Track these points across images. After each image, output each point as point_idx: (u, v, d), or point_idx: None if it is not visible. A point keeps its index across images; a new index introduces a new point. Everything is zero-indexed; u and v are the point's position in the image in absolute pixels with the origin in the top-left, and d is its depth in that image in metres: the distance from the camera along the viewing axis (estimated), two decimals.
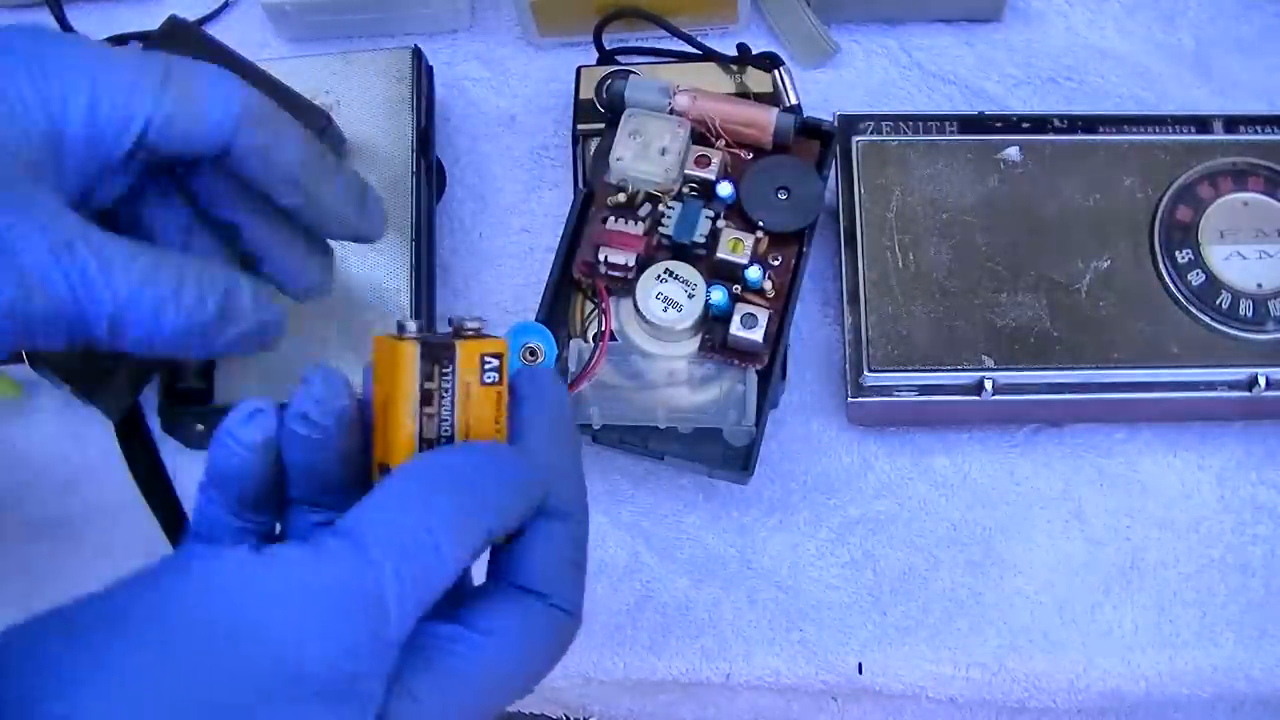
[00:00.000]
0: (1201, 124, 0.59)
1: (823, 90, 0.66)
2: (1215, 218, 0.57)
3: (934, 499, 0.59)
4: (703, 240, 0.51)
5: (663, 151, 0.51)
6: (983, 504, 0.59)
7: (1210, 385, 0.56)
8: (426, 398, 0.35)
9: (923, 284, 0.57)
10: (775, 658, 0.57)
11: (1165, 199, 0.58)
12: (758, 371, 0.51)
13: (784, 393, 0.60)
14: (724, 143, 0.52)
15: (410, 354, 0.35)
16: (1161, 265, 0.57)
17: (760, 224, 0.51)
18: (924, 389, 0.56)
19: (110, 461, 0.61)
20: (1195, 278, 0.57)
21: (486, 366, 0.36)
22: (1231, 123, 0.59)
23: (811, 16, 0.65)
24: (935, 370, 0.56)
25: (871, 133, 0.60)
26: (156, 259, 0.39)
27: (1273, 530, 0.58)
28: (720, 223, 0.51)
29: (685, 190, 0.52)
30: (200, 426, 0.59)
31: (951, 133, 0.60)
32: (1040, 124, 0.60)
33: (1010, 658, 0.56)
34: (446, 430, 0.35)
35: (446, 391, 0.35)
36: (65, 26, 0.66)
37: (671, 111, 0.52)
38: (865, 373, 0.56)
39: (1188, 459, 0.59)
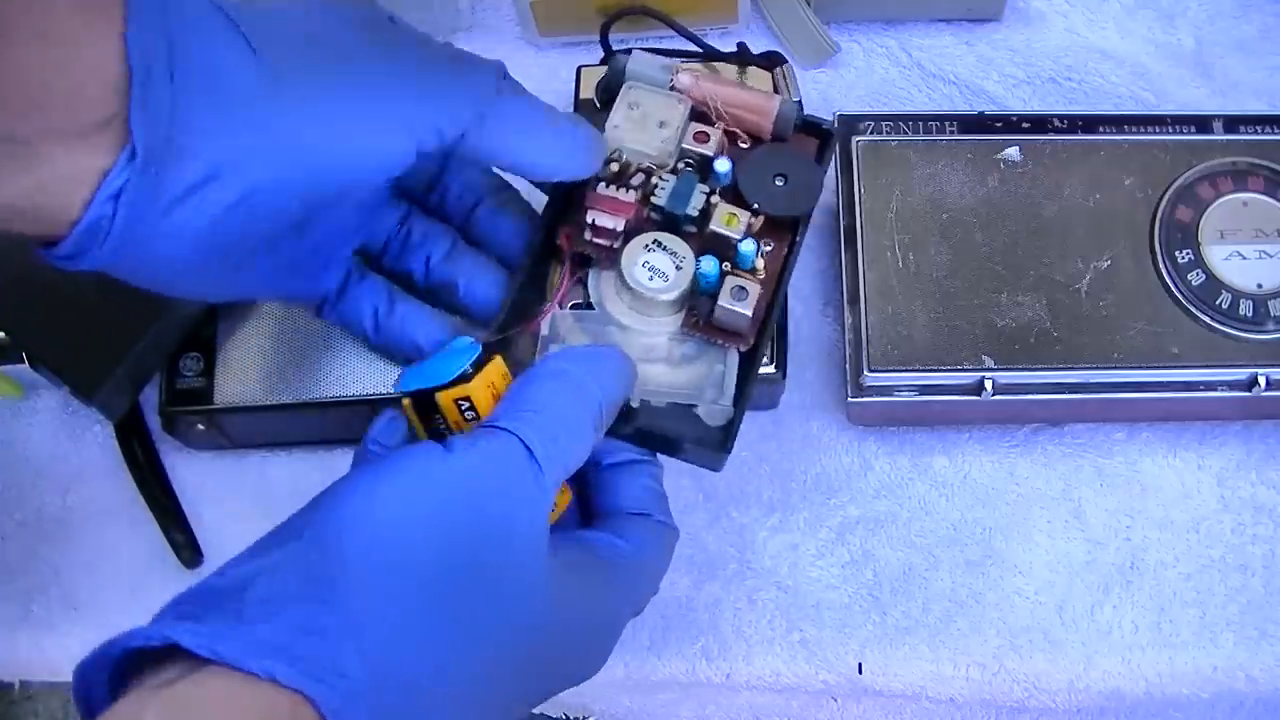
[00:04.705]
0: (1201, 124, 0.59)
1: (823, 90, 0.66)
2: (1215, 218, 0.57)
3: (934, 499, 0.59)
4: (695, 214, 0.49)
5: (661, 124, 0.50)
6: (983, 504, 0.59)
7: (1210, 385, 0.56)
8: (439, 438, 0.42)
9: (923, 284, 0.57)
10: (775, 658, 0.57)
11: (1165, 199, 0.58)
12: (741, 353, 0.49)
13: (784, 393, 0.60)
14: (723, 126, 0.51)
15: (409, 409, 0.44)
16: (1161, 265, 0.57)
17: (756, 206, 0.50)
18: (924, 389, 0.56)
19: (110, 461, 0.61)
20: (1195, 278, 0.57)
21: (463, 409, 0.43)
22: (1231, 123, 0.59)
23: (811, 16, 0.65)
24: (935, 370, 0.56)
25: (871, 133, 0.60)
26: None
27: (1273, 530, 0.58)
28: (714, 199, 0.50)
29: (681, 166, 0.51)
30: (200, 426, 0.59)
31: (951, 133, 0.60)
32: (1040, 124, 0.60)
33: (1010, 658, 0.56)
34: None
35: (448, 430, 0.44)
36: None
37: (672, 89, 0.51)
38: (865, 373, 0.56)
39: (1188, 459, 0.59)
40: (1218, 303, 0.56)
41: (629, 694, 0.60)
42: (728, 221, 0.49)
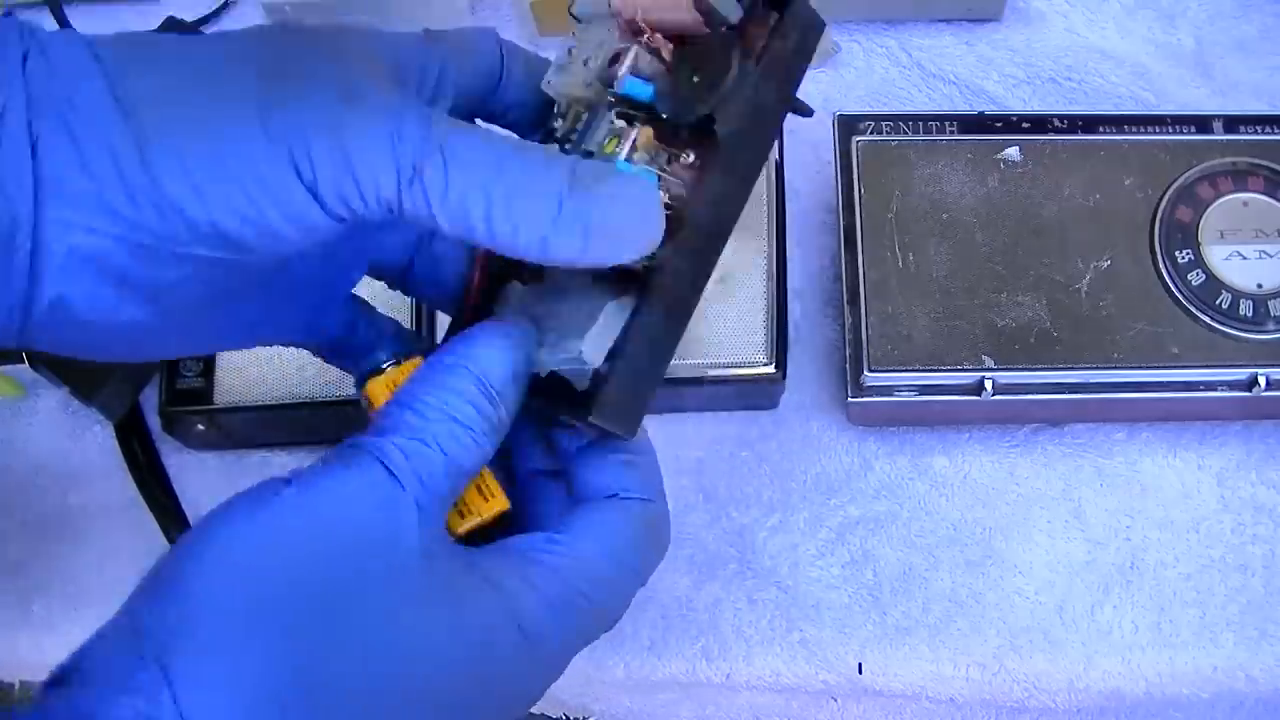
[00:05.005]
0: (1201, 124, 0.59)
1: (823, 90, 0.66)
2: (1215, 218, 0.57)
3: (934, 499, 0.59)
4: (596, 150, 0.41)
5: (585, 62, 0.42)
6: (983, 504, 0.59)
7: (1210, 385, 0.56)
8: None
9: (923, 284, 0.57)
10: (775, 658, 0.57)
11: (1165, 199, 0.58)
12: (640, 294, 0.39)
13: (784, 393, 0.60)
14: (648, 37, 0.41)
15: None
16: (1161, 265, 0.57)
17: (664, 116, 0.40)
18: (924, 389, 0.56)
19: (110, 461, 0.61)
20: (1195, 278, 0.57)
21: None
22: (1231, 123, 0.59)
23: None
24: (935, 370, 0.56)
25: (871, 133, 0.60)
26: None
27: (1273, 530, 0.58)
28: (618, 122, 0.40)
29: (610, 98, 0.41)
30: (200, 426, 0.59)
31: (951, 133, 0.60)
32: (1040, 124, 0.60)
33: (1010, 658, 0.56)
34: None
35: None
36: (65, 27, 0.66)
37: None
38: (865, 373, 0.56)
39: (1188, 459, 0.59)
40: (1218, 303, 0.56)
41: (629, 694, 0.60)
42: (609, 146, 0.40)
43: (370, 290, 0.45)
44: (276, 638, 0.33)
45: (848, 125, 0.59)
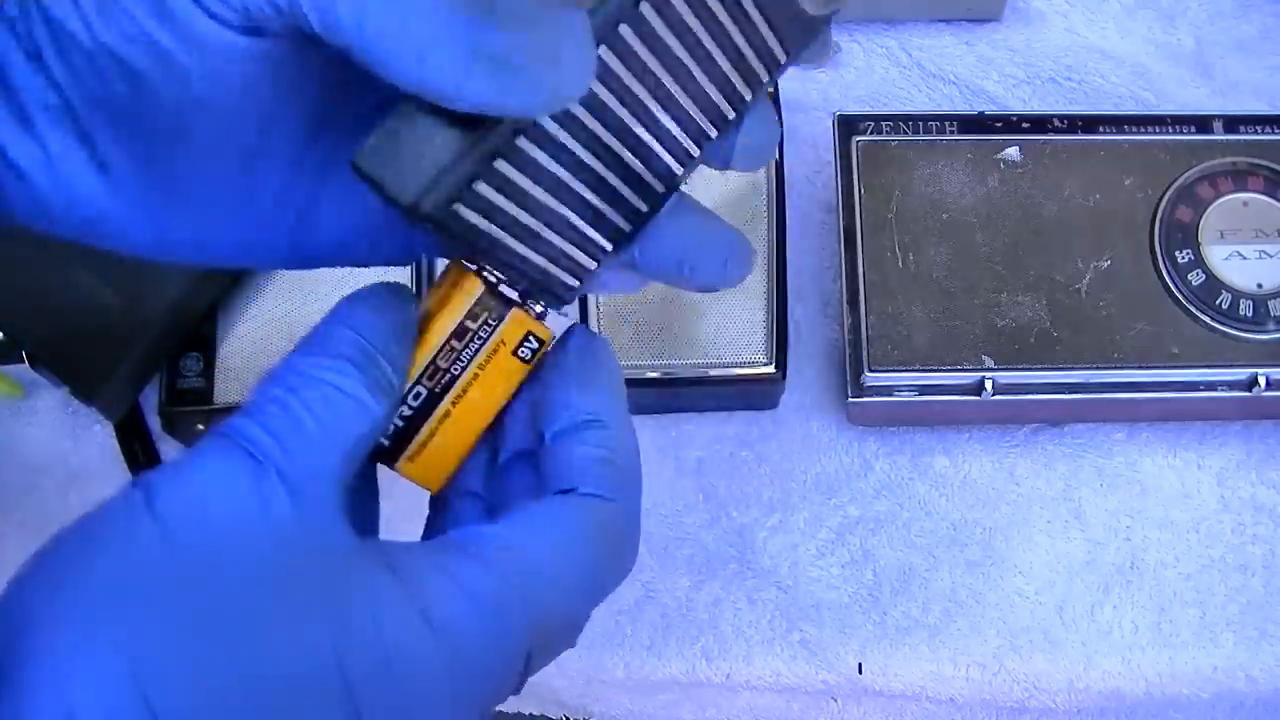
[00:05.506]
0: (1201, 124, 0.59)
1: (823, 90, 0.66)
2: (1215, 218, 0.58)
3: (934, 499, 0.59)
4: None
5: None
6: (983, 504, 0.59)
7: (1210, 385, 0.56)
8: (460, 333, 0.35)
9: (923, 284, 0.57)
10: (775, 658, 0.57)
11: (1165, 199, 0.58)
12: None
13: (784, 393, 0.60)
14: None
15: (473, 287, 0.35)
16: (1161, 265, 0.57)
17: None
18: (924, 389, 0.56)
19: (110, 461, 0.61)
20: (1195, 278, 0.57)
21: (525, 343, 0.36)
22: (1231, 123, 0.59)
23: None
24: (935, 370, 0.56)
25: (871, 133, 0.60)
26: None
27: (1273, 530, 0.58)
28: None
29: None
30: (200, 426, 0.59)
31: (951, 133, 0.60)
32: (1040, 124, 0.60)
33: (1010, 658, 0.56)
34: (458, 369, 0.36)
35: (479, 339, 0.35)
36: None
37: None
38: (865, 373, 0.56)
39: (1188, 459, 0.59)
40: (1218, 303, 0.56)
41: (629, 694, 0.60)
42: None
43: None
44: (105, 654, 0.29)
45: (848, 125, 0.59)
